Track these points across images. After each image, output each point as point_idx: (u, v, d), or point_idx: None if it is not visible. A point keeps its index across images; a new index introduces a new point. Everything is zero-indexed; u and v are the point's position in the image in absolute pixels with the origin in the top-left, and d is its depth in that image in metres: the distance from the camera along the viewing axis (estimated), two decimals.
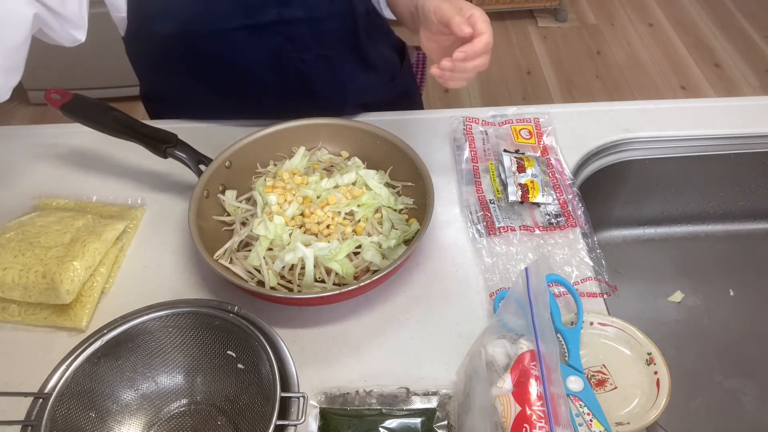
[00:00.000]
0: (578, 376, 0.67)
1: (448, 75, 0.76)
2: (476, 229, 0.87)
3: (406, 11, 0.91)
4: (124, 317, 0.67)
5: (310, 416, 0.67)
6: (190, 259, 0.86)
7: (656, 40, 2.85)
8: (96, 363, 0.64)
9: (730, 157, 1.04)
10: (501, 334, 0.63)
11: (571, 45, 2.87)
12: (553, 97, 2.58)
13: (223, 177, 0.88)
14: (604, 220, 1.12)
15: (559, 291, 0.79)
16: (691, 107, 1.07)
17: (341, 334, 0.77)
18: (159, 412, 0.69)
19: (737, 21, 2.93)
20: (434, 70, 0.75)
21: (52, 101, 0.88)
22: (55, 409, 0.60)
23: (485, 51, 0.75)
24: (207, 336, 0.68)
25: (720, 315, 1.04)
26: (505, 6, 2.96)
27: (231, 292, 0.80)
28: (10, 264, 0.78)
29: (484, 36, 0.73)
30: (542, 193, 0.89)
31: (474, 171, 0.95)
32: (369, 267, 0.80)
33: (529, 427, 0.54)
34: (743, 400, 0.95)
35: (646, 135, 1.02)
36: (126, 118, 0.88)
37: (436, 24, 0.77)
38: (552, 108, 1.06)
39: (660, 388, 0.67)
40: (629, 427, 0.65)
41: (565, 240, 0.86)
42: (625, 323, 0.74)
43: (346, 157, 0.94)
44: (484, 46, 0.74)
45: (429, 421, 0.66)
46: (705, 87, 2.60)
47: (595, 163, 1.02)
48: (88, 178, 0.99)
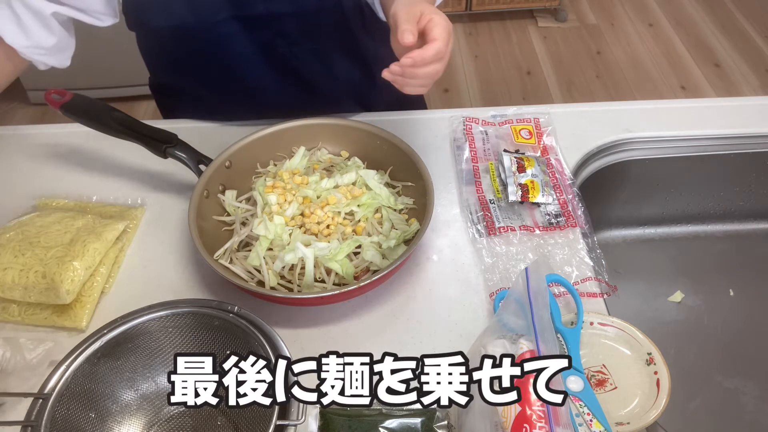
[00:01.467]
0: (578, 376, 0.67)
1: (400, 80, 0.72)
2: (476, 229, 0.87)
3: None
4: (124, 317, 0.67)
5: (310, 416, 0.67)
6: (190, 259, 0.86)
7: (656, 40, 2.85)
8: (96, 363, 0.64)
9: (730, 157, 1.04)
10: (501, 334, 0.63)
11: (571, 45, 2.87)
12: (553, 97, 2.58)
13: (223, 177, 0.88)
14: (604, 220, 1.12)
15: (559, 291, 0.79)
16: (691, 107, 1.07)
17: (341, 334, 0.77)
18: (159, 413, 0.69)
19: (737, 21, 2.93)
20: (385, 73, 0.72)
21: (52, 101, 0.88)
22: (55, 410, 0.60)
23: (436, 58, 0.71)
24: (207, 336, 0.68)
25: (720, 315, 1.04)
26: (505, 6, 2.96)
27: (231, 292, 0.80)
28: (10, 264, 0.78)
29: (436, 43, 0.70)
30: (542, 193, 0.89)
31: (474, 171, 0.95)
32: (369, 267, 0.80)
33: (529, 427, 0.54)
34: (743, 400, 0.95)
35: (646, 135, 1.02)
36: (126, 118, 0.88)
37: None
38: (552, 108, 1.06)
39: (660, 388, 0.67)
40: (629, 427, 0.65)
41: (565, 240, 0.86)
42: (625, 323, 0.74)
43: (346, 157, 0.94)
44: (434, 54, 0.70)
45: (429, 421, 0.66)
46: (705, 87, 2.60)
47: (595, 163, 1.02)
48: (88, 178, 0.99)
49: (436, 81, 0.75)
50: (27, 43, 0.85)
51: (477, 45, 2.91)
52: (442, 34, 0.70)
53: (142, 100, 2.55)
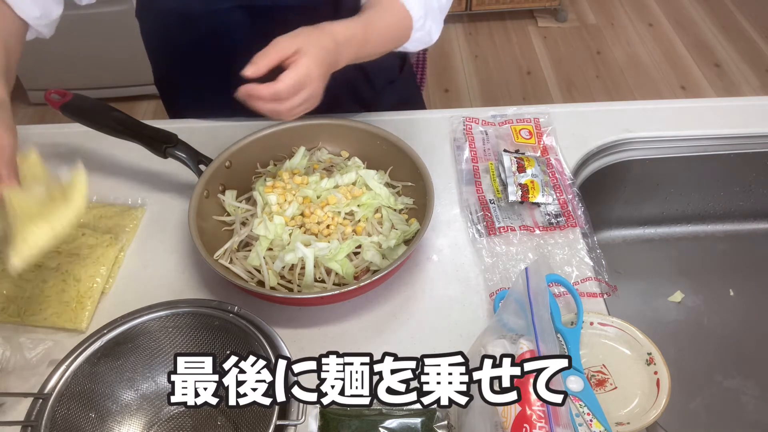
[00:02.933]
0: (578, 376, 0.67)
1: (248, 102, 0.72)
2: (476, 229, 0.87)
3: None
4: (124, 317, 0.67)
5: (310, 416, 0.67)
6: (190, 259, 0.86)
7: (656, 40, 2.85)
8: (96, 363, 0.64)
9: (730, 157, 1.04)
10: (501, 334, 0.63)
11: (571, 45, 2.87)
12: (553, 97, 2.58)
13: (223, 177, 0.88)
14: (604, 220, 1.12)
15: (559, 291, 0.79)
16: (691, 107, 1.07)
17: (341, 334, 0.77)
18: (159, 413, 0.69)
19: (737, 21, 2.93)
20: (239, 92, 0.71)
21: (52, 101, 0.88)
22: (55, 410, 0.60)
23: (271, 98, 0.70)
24: (207, 336, 0.68)
25: (720, 315, 1.04)
26: (505, 6, 2.96)
27: (231, 292, 0.80)
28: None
29: (275, 84, 0.69)
30: (542, 193, 0.89)
31: (474, 171, 0.95)
32: (369, 267, 0.80)
33: (529, 427, 0.54)
34: (743, 400, 0.95)
35: (646, 135, 1.02)
36: (126, 118, 0.88)
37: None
38: (552, 108, 1.06)
39: (660, 388, 0.67)
40: (629, 427, 0.65)
41: (565, 240, 0.86)
42: (625, 323, 0.74)
43: (346, 157, 0.94)
44: (269, 93, 0.70)
45: (429, 421, 0.66)
46: (705, 87, 2.60)
47: (595, 163, 1.02)
48: (89, 178, 0.98)
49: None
50: (38, 14, 0.83)
51: (477, 45, 2.91)
52: (289, 77, 0.70)
53: (142, 100, 2.55)
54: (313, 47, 0.72)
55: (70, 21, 2.67)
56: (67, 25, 2.44)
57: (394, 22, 0.84)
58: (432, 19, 0.88)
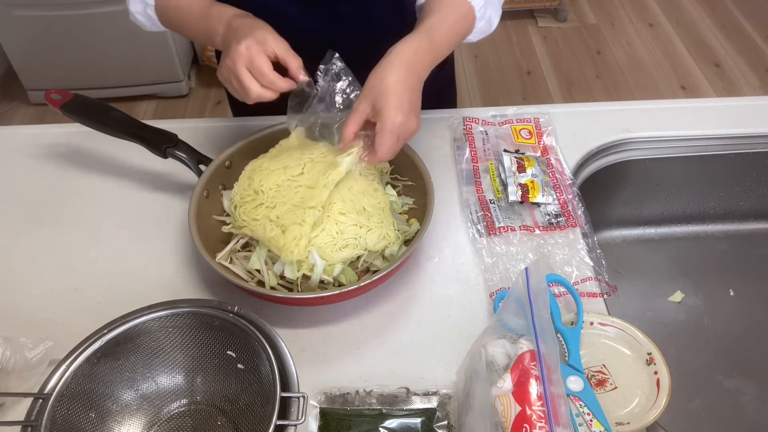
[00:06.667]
0: (578, 376, 0.67)
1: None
2: (476, 229, 0.87)
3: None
4: (124, 317, 0.67)
5: (310, 416, 0.67)
6: (190, 259, 0.86)
7: (656, 40, 2.85)
8: (96, 363, 0.64)
9: (730, 157, 1.04)
10: (501, 334, 0.63)
11: (571, 45, 2.87)
12: (553, 97, 2.58)
13: (223, 177, 0.88)
14: (604, 220, 1.12)
15: (559, 291, 0.79)
16: (691, 107, 1.07)
17: (341, 334, 0.77)
18: (159, 413, 0.69)
19: (737, 21, 2.93)
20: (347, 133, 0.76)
21: (52, 101, 0.88)
22: (55, 410, 0.60)
23: (386, 158, 0.76)
24: (207, 336, 0.68)
25: (720, 315, 1.04)
26: (505, 6, 2.94)
27: (231, 292, 0.80)
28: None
29: (379, 156, 0.75)
30: (542, 193, 0.89)
31: (474, 171, 0.95)
32: (369, 267, 0.80)
33: (529, 427, 0.54)
34: (743, 400, 0.95)
35: (646, 135, 1.02)
36: (126, 118, 0.88)
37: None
38: (552, 108, 1.06)
39: (660, 388, 0.67)
40: (629, 427, 0.65)
41: (565, 240, 0.86)
42: (625, 323, 0.74)
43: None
44: (379, 160, 0.76)
45: (429, 421, 0.66)
46: (705, 87, 2.60)
47: (595, 163, 1.02)
48: (89, 178, 0.99)
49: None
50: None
51: (477, 45, 2.91)
52: (381, 143, 0.74)
53: (142, 100, 2.55)
54: (385, 96, 0.73)
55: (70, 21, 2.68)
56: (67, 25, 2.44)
57: (459, 17, 0.84)
58: (491, 6, 0.88)
